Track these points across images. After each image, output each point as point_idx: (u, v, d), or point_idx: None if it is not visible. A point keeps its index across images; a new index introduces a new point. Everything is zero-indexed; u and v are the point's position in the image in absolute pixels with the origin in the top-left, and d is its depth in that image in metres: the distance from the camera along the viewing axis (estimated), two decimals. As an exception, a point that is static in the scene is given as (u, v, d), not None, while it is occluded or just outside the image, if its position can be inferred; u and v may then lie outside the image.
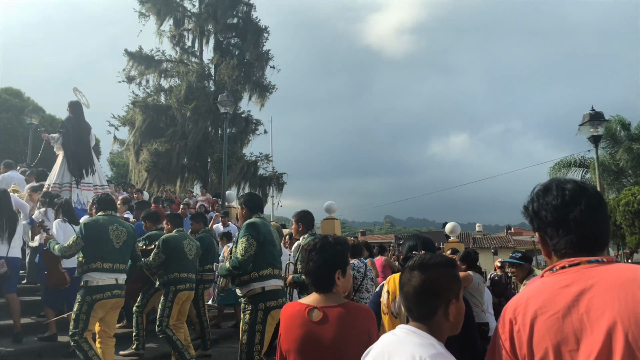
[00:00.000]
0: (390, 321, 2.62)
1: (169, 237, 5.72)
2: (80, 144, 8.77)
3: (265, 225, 4.34)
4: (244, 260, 4.12)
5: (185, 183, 24.80)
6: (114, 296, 4.73)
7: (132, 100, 23.91)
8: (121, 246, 4.85)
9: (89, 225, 4.74)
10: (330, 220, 13.42)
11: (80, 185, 8.60)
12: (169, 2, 24.44)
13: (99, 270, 4.66)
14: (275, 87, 25.61)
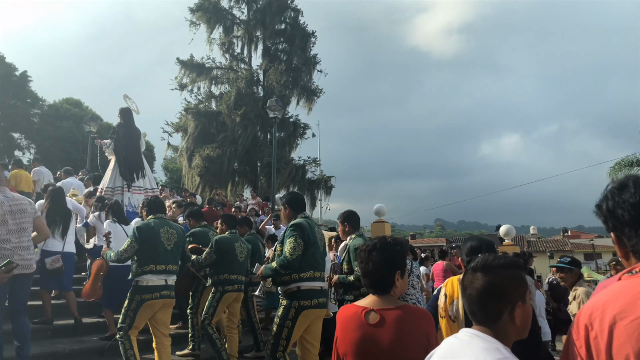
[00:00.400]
0: (448, 325, 2.55)
1: (222, 238, 5.81)
2: (131, 149, 9.04)
3: (310, 226, 4.34)
4: (292, 259, 4.14)
5: (236, 187, 25.24)
6: (162, 297, 4.83)
7: (185, 107, 24.62)
8: (172, 248, 4.97)
9: (141, 228, 4.87)
10: (380, 223, 13.20)
11: (131, 188, 8.86)
12: (218, 10, 25.04)
13: (152, 272, 4.78)
14: (322, 91, 25.74)
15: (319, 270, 4.34)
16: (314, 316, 4.30)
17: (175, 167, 41.34)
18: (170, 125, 24.96)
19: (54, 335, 6.08)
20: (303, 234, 4.21)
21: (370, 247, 2.19)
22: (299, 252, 4.16)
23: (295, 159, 24.82)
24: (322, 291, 4.38)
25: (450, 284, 2.64)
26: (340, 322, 2.20)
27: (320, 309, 4.33)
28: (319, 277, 4.32)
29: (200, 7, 24.77)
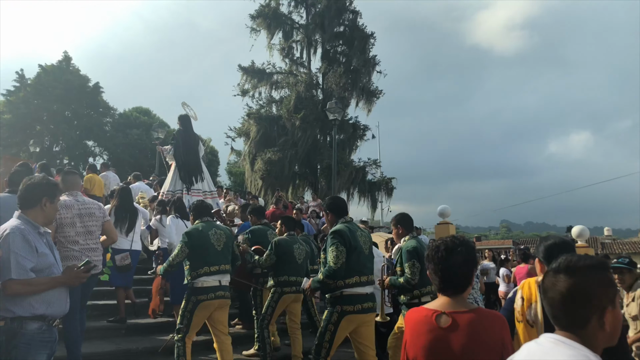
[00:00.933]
0: (526, 330, 2.42)
1: (281, 240, 5.85)
2: (190, 153, 9.37)
3: (351, 231, 4.29)
4: (337, 268, 4.13)
5: (297, 189, 25.51)
6: (217, 297, 4.91)
7: (247, 112, 25.18)
8: (222, 248, 5.07)
9: (191, 233, 5.00)
10: (445, 225, 12.91)
11: (190, 191, 9.20)
12: (278, 16, 25.44)
13: (207, 274, 4.89)
14: (382, 92, 25.55)
15: (365, 274, 4.31)
16: (359, 321, 4.28)
17: (238, 171, 42.37)
18: (233, 130, 25.61)
19: (127, 334, 6.36)
20: (344, 241, 4.18)
21: (451, 245, 2.08)
22: (342, 259, 4.14)
23: (355, 161, 24.79)
24: (368, 296, 4.33)
25: (527, 286, 2.50)
26: (410, 325, 2.13)
27: (366, 314, 4.30)
28: (365, 282, 4.29)
29: (260, 13, 25.27)
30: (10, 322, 2.76)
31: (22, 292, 2.75)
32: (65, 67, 34.46)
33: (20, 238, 2.80)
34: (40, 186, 3.02)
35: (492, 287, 11.86)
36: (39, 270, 2.84)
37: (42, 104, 32.90)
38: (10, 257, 2.73)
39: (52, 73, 33.40)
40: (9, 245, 2.76)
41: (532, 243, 37.73)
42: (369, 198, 24.74)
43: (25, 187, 3.01)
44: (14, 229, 2.83)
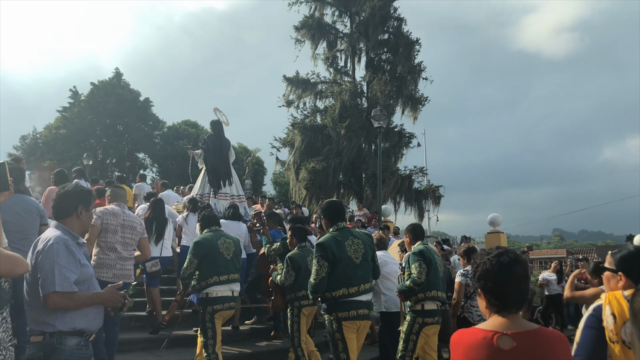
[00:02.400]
0: (623, 351, 2.10)
1: (295, 255, 5.45)
2: (219, 158, 9.51)
3: (337, 242, 4.16)
4: (317, 282, 4.11)
5: (341, 199, 25.33)
6: (230, 308, 5.01)
7: (292, 122, 25.28)
8: (232, 257, 5.11)
9: (199, 243, 5.04)
10: (496, 234, 12.51)
11: (217, 195, 9.34)
12: (322, 26, 25.50)
13: (217, 284, 4.93)
14: (427, 99, 25.12)
15: (354, 285, 4.17)
16: (356, 327, 4.22)
17: (283, 181, 42.68)
18: (278, 140, 25.75)
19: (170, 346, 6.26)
20: (326, 254, 4.10)
21: (512, 257, 1.84)
22: (323, 273, 4.09)
23: (401, 169, 24.39)
24: (362, 303, 4.23)
25: (615, 302, 2.19)
26: (463, 350, 1.84)
27: (361, 320, 4.23)
28: (355, 293, 4.17)
29: (304, 24, 25.40)
30: (50, 337, 2.65)
31: (65, 306, 2.65)
32: (117, 82, 35.79)
33: (64, 249, 2.71)
34: (76, 194, 2.96)
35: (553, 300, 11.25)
36: (80, 282, 2.75)
37: (95, 119, 34.24)
38: (55, 268, 2.62)
39: (104, 89, 34.75)
40: (53, 256, 2.65)
41: (587, 252, 36.05)
42: (415, 207, 24.27)
43: (60, 196, 2.93)
44: (57, 239, 2.73)
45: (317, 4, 25.98)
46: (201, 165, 9.85)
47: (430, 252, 4.97)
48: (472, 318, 5.52)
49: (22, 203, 4.85)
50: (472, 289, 5.49)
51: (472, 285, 5.36)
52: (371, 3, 24.28)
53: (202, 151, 9.76)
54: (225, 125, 10.10)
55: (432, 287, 4.85)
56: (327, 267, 4.09)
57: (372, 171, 23.21)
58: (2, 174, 2.64)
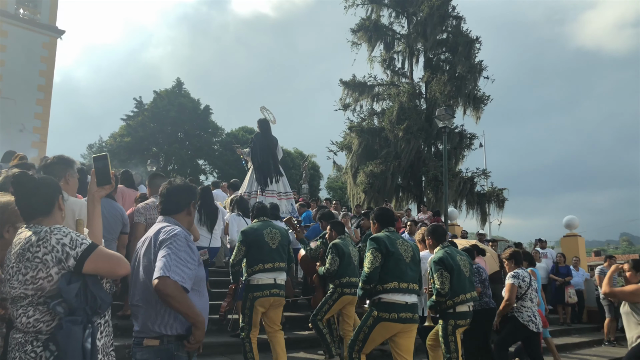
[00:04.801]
0: None
1: (339, 243, 5.83)
2: (267, 156, 9.63)
3: (390, 239, 4.41)
4: (371, 272, 4.27)
5: (400, 202, 24.93)
6: (272, 295, 5.02)
7: (349, 125, 25.15)
8: (277, 247, 5.19)
9: (245, 232, 5.21)
10: (573, 237, 11.81)
11: (265, 192, 9.41)
12: (378, 27, 25.31)
13: (262, 271, 5.03)
14: (490, 98, 24.34)
15: (405, 281, 4.33)
16: (396, 330, 4.29)
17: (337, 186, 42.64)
18: (335, 144, 25.69)
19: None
20: (379, 247, 4.32)
21: None
22: (377, 264, 4.27)
23: (462, 171, 23.75)
24: (407, 306, 4.31)
25: None
26: None
27: (404, 324, 4.28)
28: (405, 289, 4.31)
29: (361, 26, 25.29)
30: (167, 341, 2.47)
31: (173, 297, 2.31)
32: (178, 91, 36.93)
33: (186, 243, 2.54)
34: (188, 189, 2.85)
35: None
36: (196, 282, 2.58)
37: (157, 127, 35.43)
38: (175, 259, 2.42)
39: (167, 97, 35.92)
40: (175, 247, 2.47)
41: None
42: (478, 210, 23.53)
43: (172, 190, 2.81)
44: (182, 232, 2.59)
45: (374, 6, 25.81)
46: (249, 164, 9.97)
47: (450, 257, 4.97)
48: (522, 318, 5.73)
49: (110, 207, 4.93)
50: (523, 290, 5.74)
51: (524, 287, 5.73)
52: (429, 2, 23.88)
53: (250, 150, 9.92)
54: (272, 124, 10.20)
55: (459, 291, 4.88)
56: (380, 259, 4.28)
57: (432, 174, 22.70)
58: (104, 166, 2.58)
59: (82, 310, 2.12)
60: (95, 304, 2.17)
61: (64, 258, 2.13)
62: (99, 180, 2.58)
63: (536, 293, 5.95)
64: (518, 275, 5.82)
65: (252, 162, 9.87)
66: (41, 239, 2.15)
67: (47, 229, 2.19)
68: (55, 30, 24.98)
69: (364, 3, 25.99)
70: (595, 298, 10.65)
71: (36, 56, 23.87)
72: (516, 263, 6.01)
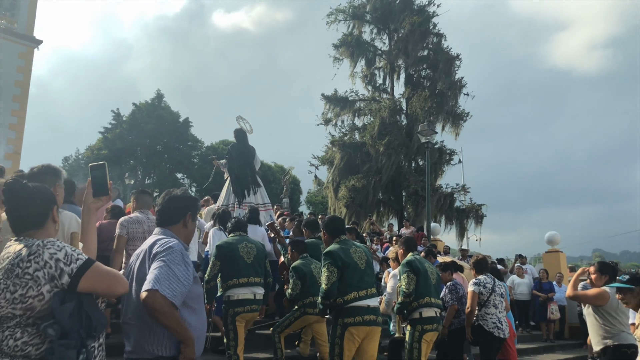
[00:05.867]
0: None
1: (299, 265, 5.76)
2: (243, 167, 9.46)
3: (343, 250, 4.42)
4: (329, 287, 4.29)
5: (381, 217, 24.93)
6: (252, 310, 5.04)
7: (331, 140, 25.14)
8: (253, 261, 5.17)
9: (220, 246, 5.19)
10: (554, 253, 11.90)
11: (242, 204, 9.21)
12: (360, 43, 25.52)
13: (237, 286, 5.00)
14: (469, 115, 24.64)
15: (363, 289, 4.38)
16: (362, 334, 4.31)
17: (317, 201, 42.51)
18: (317, 158, 25.65)
19: None
20: (335, 261, 4.32)
21: None
22: (334, 279, 4.29)
23: (442, 187, 23.90)
24: (370, 309, 4.36)
25: None
26: None
27: (368, 326, 4.32)
28: (365, 296, 4.36)
29: (343, 42, 25.45)
30: None
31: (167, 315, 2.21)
32: (158, 104, 36.53)
33: (181, 258, 2.41)
34: (185, 200, 2.71)
35: None
36: (191, 298, 2.44)
37: (136, 140, 34.92)
38: (167, 273, 2.30)
39: (146, 110, 35.51)
40: (168, 261, 2.34)
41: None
42: (457, 226, 23.67)
43: (169, 201, 2.68)
44: (178, 245, 2.46)
45: (356, 22, 26.04)
46: (226, 175, 9.79)
47: (418, 261, 5.14)
48: (486, 325, 5.78)
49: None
50: (485, 297, 5.83)
51: (485, 293, 5.83)
52: (410, 20, 24.16)
53: (226, 161, 9.73)
54: (249, 134, 10.05)
55: (425, 294, 4.99)
56: (337, 273, 4.30)
57: (413, 188, 22.80)
58: (102, 176, 2.44)
59: (76, 333, 1.94)
60: (90, 325, 1.99)
61: (58, 275, 1.94)
62: (96, 191, 2.44)
63: (501, 299, 5.97)
64: (479, 282, 5.90)
65: (228, 174, 9.70)
66: (32, 254, 1.96)
67: (40, 243, 2.01)
68: (33, 40, 24.55)
69: (346, 19, 26.20)
70: (578, 314, 10.71)
71: (12, 66, 23.36)
72: (478, 271, 6.10)
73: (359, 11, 25.94)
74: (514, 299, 10.86)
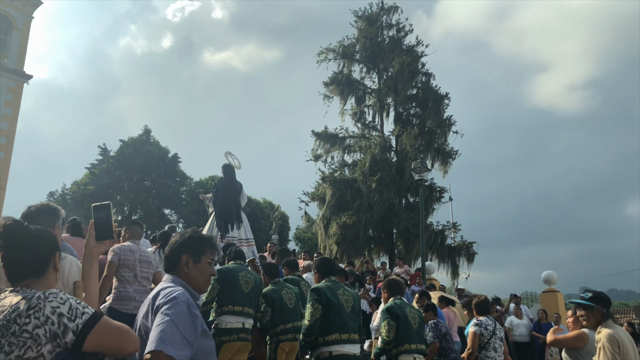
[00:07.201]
0: None
1: (268, 291, 5.72)
2: (229, 201, 9.48)
3: (330, 289, 4.40)
4: (312, 324, 4.22)
5: (372, 254, 24.68)
6: (240, 339, 4.96)
7: (321, 176, 25.07)
8: (250, 291, 5.19)
9: (221, 270, 5.21)
10: (552, 293, 11.71)
11: (224, 239, 9.13)
12: (350, 82, 25.82)
13: (230, 313, 4.98)
14: (458, 153, 24.81)
15: (347, 332, 4.30)
16: None
17: (306, 237, 42.10)
18: (307, 194, 25.48)
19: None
20: (320, 298, 4.29)
21: None
22: (317, 315, 4.23)
23: (433, 224, 23.80)
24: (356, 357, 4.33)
25: None
26: None
27: None
28: (347, 340, 4.28)
29: (333, 80, 25.73)
30: None
31: None
32: (146, 139, 36.33)
33: (186, 309, 2.15)
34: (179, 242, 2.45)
35: None
36: (200, 354, 2.18)
37: (123, 175, 34.54)
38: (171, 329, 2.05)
39: (134, 145, 35.26)
40: (171, 312, 2.10)
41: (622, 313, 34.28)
42: (449, 263, 23.47)
43: (172, 243, 2.45)
44: (182, 295, 2.19)
45: (346, 61, 26.41)
46: (211, 209, 9.76)
47: (398, 307, 5.02)
48: None
49: None
50: (485, 339, 5.65)
51: (486, 335, 5.64)
52: (400, 59, 24.57)
53: (212, 195, 9.72)
54: (237, 169, 10.09)
55: (404, 341, 4.88)
56: (320, 310, 4.24)
57: (404, 226, 22.68)
58: (106, 217, 2.23)
59: (79, 400, 1.69)
60: (94, 391, 1.74)
61: (61, 332, 1.71)
62: (99, 234, 2.23)
63: (501, 342, 5.81)
64: (481, 323, 5.75)
65: (213, 208, 9.67)
66: (32, 308, 1.72)
67: (40, 295, 1.77)
68: (22, 75, 24.48)
69: (336, 58, 26.57)
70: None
71: (0, 100, 23.20)
72: (479, 312, 5.96)
73: (348, 50, 26.36)
74: (513, 340, 10.60)
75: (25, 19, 25.08)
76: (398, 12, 26.51)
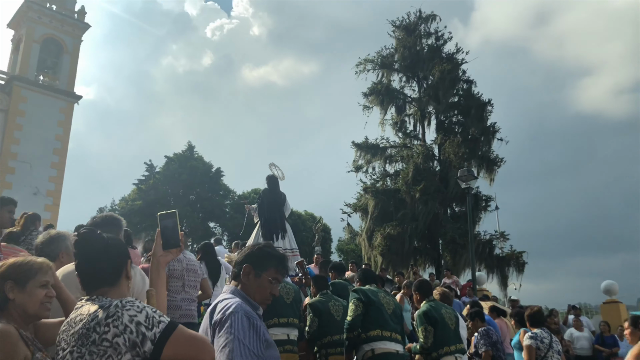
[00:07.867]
0: None
1: (316, 302, 5.66)
2: (274, 212, 9.62)
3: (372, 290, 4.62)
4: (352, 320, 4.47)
5: (418, 266, 24.25)
6: (286, 351, 4.88)
7: (363, 187, 24.91)
8: (291, 302, 5.18)
9: None
10: (614, 304, 11.14)
11: None
12: (390, 91, 25.65)
13: (275, 326, 4.94)
14: (503, 160, 24.18)
15: (388, 330, 4.44)
16: None
17: (349, 248, 41.92)
18: (349, 206, 25.34)
19: None
20: (360, 296, 4.55)
21: None
22: (359, 311, 4.45)
23: (481, 234, 23.21)
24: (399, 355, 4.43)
25: None
26: None
27: None
28: (389, 337, 4.40)
29: (373, 90, 25.64)
30: None
31: None
32: (190, 154, 37.18)
33: (246, 322, 2.11)
34: (246, 253, 2.46)
35: None
36: None
37: (169, 190, 35.41)
38: (234, 343, 2.01)
39: (178, 161, 36.13)
40: (231, 327, 2.06)
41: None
42: (498, 274, 22.80)
43: (241, 252, 2.47)
44: (238, 306, 2.16)
45: (385, 71, 26.29)
46: (256, 220, 9.91)
47: (434, 309, 5.02)
48: None
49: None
50: (542, 352, 5.46)
51: (543, 349, 5.45)
52: (440, 67, 24.28)
53: (257, 206, 9.90)
54: (281, 180, 10.27)
55: (443, 344, 4.88)
56: (362, 308, 4.45)
57: (450, 236, 22.21)
58: (173, 226, 2.22)
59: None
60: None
61: (140, 341, 1.67)
62: (166, 243, 2.19)
63: (559, 356, 5.55)
64: (536, 336, 5.52)
65: (259, 218, 9.82)
66: (110, 316, 1.69)
67: (118, 303, 1.74)
68: (73, 96, 25.54)
69: (374, 68, 26.50)
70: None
71: (53, 120, 24.25)
72: (533, 324, 5.73)
73: (387, 60, 26.25)
74: (574, 354, 10.11)
75: (75, 42, 26.22)
76: (436, 21, 26.30)
